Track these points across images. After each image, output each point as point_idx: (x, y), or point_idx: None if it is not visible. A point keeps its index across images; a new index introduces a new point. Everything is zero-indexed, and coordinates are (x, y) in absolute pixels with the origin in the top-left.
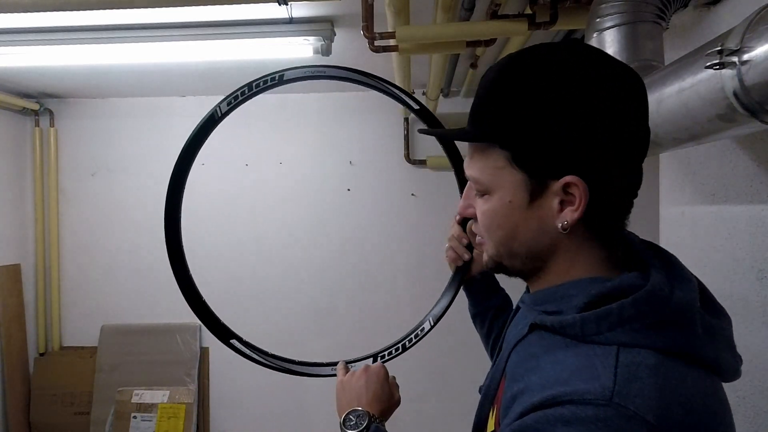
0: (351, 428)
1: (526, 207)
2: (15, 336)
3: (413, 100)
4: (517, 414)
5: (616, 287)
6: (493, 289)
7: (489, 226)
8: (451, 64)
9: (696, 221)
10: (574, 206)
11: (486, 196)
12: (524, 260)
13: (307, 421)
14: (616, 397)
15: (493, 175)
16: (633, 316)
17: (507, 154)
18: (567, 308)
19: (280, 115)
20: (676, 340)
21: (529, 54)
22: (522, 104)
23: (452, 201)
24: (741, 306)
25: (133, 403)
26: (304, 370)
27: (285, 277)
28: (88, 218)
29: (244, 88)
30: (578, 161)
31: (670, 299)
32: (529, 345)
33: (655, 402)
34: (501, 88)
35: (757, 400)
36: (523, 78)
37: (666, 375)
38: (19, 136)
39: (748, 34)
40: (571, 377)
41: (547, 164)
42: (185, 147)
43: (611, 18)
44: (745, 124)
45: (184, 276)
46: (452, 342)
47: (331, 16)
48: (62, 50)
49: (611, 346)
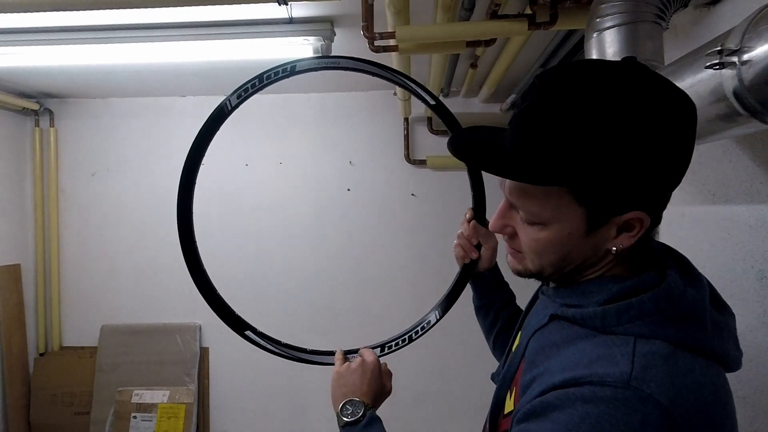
0: (348, 416)
1: (583, 237)
2: (15, 336)
3: (429, 95)
4: (537, 393)
5: (635, 285)
6: (498, 284)
7: (541, 251)
8: (451, 64)
9: (696, 221)
10: (632, 233)
11: (539, 226)
12: (567, 274)
13: (306, 421)
14: (633, 381)
15: (553, 210)
16: (651, 311)
17: (570, 192)
18: (588, 303)
19: (280, 115)
20: (688, 333)
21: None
22: (589, 141)
23: (452, 201)
24: (741, 306)
25: (133, 403)
26: (314, 358)
27: (285, 277)
28: (88, 218)
29: (255, 81)
30: (642, 198)
31: (684, 297)
32: (549, 333)
33: (668, 387)
34: (563, 120)
35: (757, 400)
36: (590, 107)
37: (678, 364)
38: (19, 136)
39: (748, 34)
40: (592, 363)
41: (613, 202)
42: (196, 141)
43: (611, 18)
44: (745, 124)
45: (198, 270)
46: (454, 342)
47: (331, 16)
48: (62, 50)
49: (629, 336)
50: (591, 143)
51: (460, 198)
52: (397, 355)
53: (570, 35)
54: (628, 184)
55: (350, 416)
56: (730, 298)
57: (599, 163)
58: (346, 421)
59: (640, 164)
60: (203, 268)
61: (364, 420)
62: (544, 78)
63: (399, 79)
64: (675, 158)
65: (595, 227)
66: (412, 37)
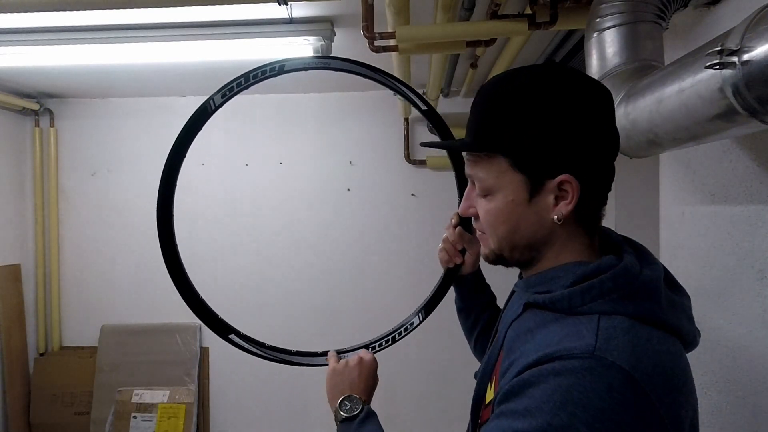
0: (347, 412)
1: (526, 204)
2: (15, 336)
3: (422, 100)
4: (513, 374)
5: (596, 267)
6: (480, 286)
7: (493, 222)
8: (451, 64)
9: (696, 221)
10: (567, 200)
11: (489, 197)
12: (523, 251)
13: (306, 421)
14: (597, 351)
15: (497, 178)
16: (611, 289)
17: (508, 160)
18: (556, 287)
19: (280, 115)
20: (645, 308)
21: (520, 74)
22: (520, 118)
23: (452, 201)
24: (741, 306)
25: (133, 403)
26: (301, 360)
27: (285, 277)
28: (88, 218)
29: (240, 79)
30: (569, 162)
31: (640, 275)
32: (523, 322)
33: (629, 354)
34: (500, 105)
35: (757, 400)
36: (519, 95)
37: (637, 335)
38: (19, 136)
39: (748, 34)
40: (561, 340)
41: (544, 166)
42: (177, 141)
43: (611, 18)
44: (745, 124)
45: (179, 274)
46: (454, 342)
47: (331, 16)
48: (62, 50)
49: (593, 315)
50: (520, 118)
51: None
52: (398, 355)
53: (570, 35)
54: (553, 149)
55: (349, 411)
56: (730, 298)
57: (528, 132)
58: (344, 416)
59: (560, 132)
60: (185, 271)
61: (362, 414)
62: (487, 81)
63: (390, 82)
64: (591, 128)
65: (534, 193)
66: (412, 37)
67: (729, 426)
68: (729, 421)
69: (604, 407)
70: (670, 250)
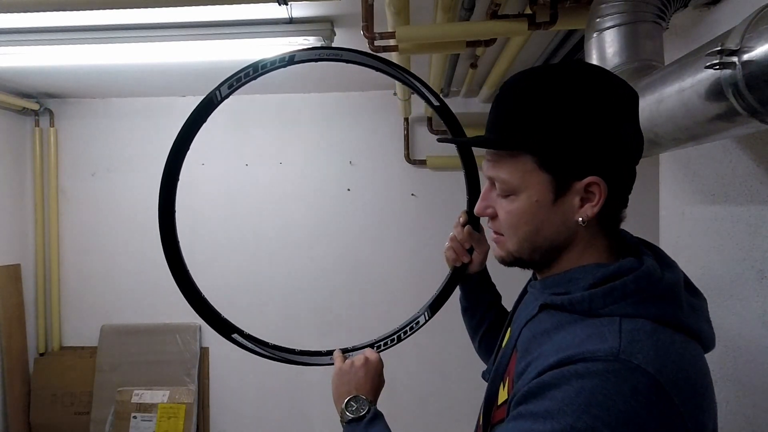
0: (353, 413)
1: (550, 205)
2: (15, 336)
3: (434, 95)
4: (533, 375)
5: (617, 269)
6: (486, 286)
7: (516, 223)
8: (451, 64)
9: (696, 221)
10: (593, 202)
11: (512, 197)
12: (544, 253)
13: (306, 421)
14: (621, 354)
15: (521, 177)
16: (633, 291)
17: (535, 159)
18: (574, 289)
19: (280, 115)
20: (667, 311)
21: (550, 72)
22: (551, 117)
23: (452, 201)
24: (741, 306)
25: (133, 403)
26: (304, 359)
27: (285, 277)
28: (88, 218)
29: (249, 69)
30: (598, 164)
31: (661, 279)
32: (539, 323)
33: (653, 358)
34: (529, 103)
35: (757, 400)
36: (549, 93)
37: (660, 338)
38: (19, 136)
39: (748, 34)
40: (583, 342)
41: (572, 167)
42: (181, 132)
43: (611, 18)
44: (745, 124)
45: (181, 273)
46: (454, 342)
47: (331, 16)
48: (62, 50)
49: (614, 317)
50: (551, 116)
51: (460, 198)
52: (398, 355)
53: (570, 35)
54: (582, 150)
55: (356, 412)
56: (730, 298)
57: (557, 132)
58: (351, 417)
59: (591, 133)
60: (187, 269)
61: (369, 415)
62: (511, 78)
63: (402, 75)
64: (620, 129)
65: (559, 194)
66: (412, 37)
67: (729, 426)
68: (729, 420)
69: (628, 411)
70: (670, 250)
